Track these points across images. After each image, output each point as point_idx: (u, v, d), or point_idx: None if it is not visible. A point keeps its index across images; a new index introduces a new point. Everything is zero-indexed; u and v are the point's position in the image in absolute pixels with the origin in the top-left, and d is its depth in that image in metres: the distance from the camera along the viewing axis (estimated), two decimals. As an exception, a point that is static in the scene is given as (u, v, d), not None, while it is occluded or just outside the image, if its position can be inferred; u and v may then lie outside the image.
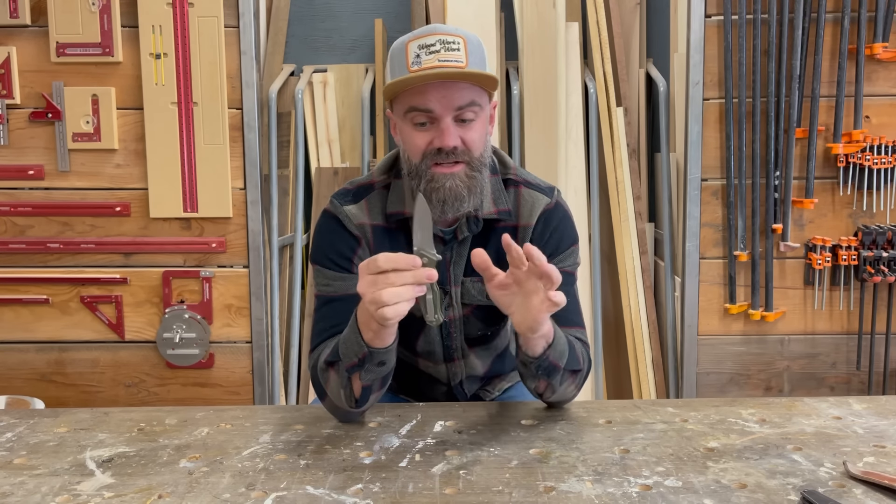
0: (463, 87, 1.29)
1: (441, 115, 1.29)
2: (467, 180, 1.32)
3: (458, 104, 1.29)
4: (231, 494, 1.07)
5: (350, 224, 1.40)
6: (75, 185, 2.45)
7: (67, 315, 2.49)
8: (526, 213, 1.42)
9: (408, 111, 1.31)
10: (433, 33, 1.29)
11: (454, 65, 1.26)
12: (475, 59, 1.30)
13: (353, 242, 1.40)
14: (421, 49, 1.28)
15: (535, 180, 1.47)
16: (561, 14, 2.65)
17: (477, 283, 1.42)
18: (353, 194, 1.43)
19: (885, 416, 1.34)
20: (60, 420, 1.37)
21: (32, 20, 2.39)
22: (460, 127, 1.30)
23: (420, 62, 1.27)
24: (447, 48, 1.28)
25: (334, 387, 1.28)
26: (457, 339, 1.48)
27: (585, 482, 1.09)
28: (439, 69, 1.26)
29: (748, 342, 2.52)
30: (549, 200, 1.43)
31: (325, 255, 1.40)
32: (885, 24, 2.36)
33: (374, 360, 1.22)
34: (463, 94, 1.29)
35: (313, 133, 2.82)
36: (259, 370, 2.52)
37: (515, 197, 1.43)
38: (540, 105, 2.65)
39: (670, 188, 2.67)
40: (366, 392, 1.27)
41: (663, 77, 2.73)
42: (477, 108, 1.31)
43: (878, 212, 2.46)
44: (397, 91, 1.31)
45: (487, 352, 1.54)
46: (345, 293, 1.37)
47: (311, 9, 2.96)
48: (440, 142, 1.29)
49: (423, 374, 1.55)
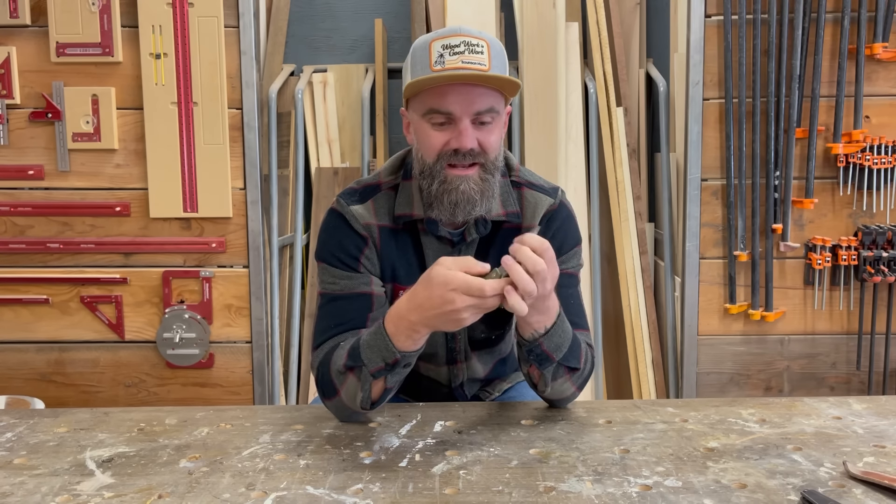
0: (483, 91, 1.29)
1: (460, 117, 1.28)
2: (481, 183, 1.31)
3: (477, 109, 1.28)
4: (231, 494, 1.07)
5: (357, 224, 1.40)
6: (75, 185, 2.45)
7: (67, 315, 2.49)
8: (529, 215, 1.42)
9: (427, 112, 1.30)
10: (458, 34, 1.28)
11: (478, 67, 1.26)
12: (497, 63, 1.29)
13: (360, 242, 1.39)
14: (445, 49, 1.27)
15: (539, 181, 1.47)
16: (561, 14, 2.65)
17: None
18: (360, 194, 1.43)
19: (885, 416, 1.34)
20: (60, 420, 1.37)
21: (32, 20, 2.39)
22: (478, 129, 1.30)
23: (444, 62, 1.27)
24: (471, 50, 1.27)
25: (351, 390, 1.28)
26: (461, 342, 1.48)
27: (585, 482, 1.09)
28: (463, 70, 1.26)
29: (748, 342, 2.52)
30: (552, 201, 1.43)
31: (331, 253, 1.40)
32: (885, 24, 2.36)
33: (402, 364, 1.23)
34: (483, 100, 1.29)
35: (313, 133, 2.82)
36: (259, 370, 2.52)
37: (519, 198, 1.43)
38: (540, 105, 2.65)
39: (670, 188, 2.67)
40: (385, 394, 1.29)
41: (663, 77, 2.73)
42: (495, 114, 1.31)
43: (878, 212, 2.46)
44: (418, 89, 1.30)
45: (491, 355, 1.54)
46: (350, 292, 1.37)
47: (311, 9, 2.96)
48: (458, 143, 1.29)
49: (424, 378, 1.55)
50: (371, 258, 1.40)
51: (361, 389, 1.26)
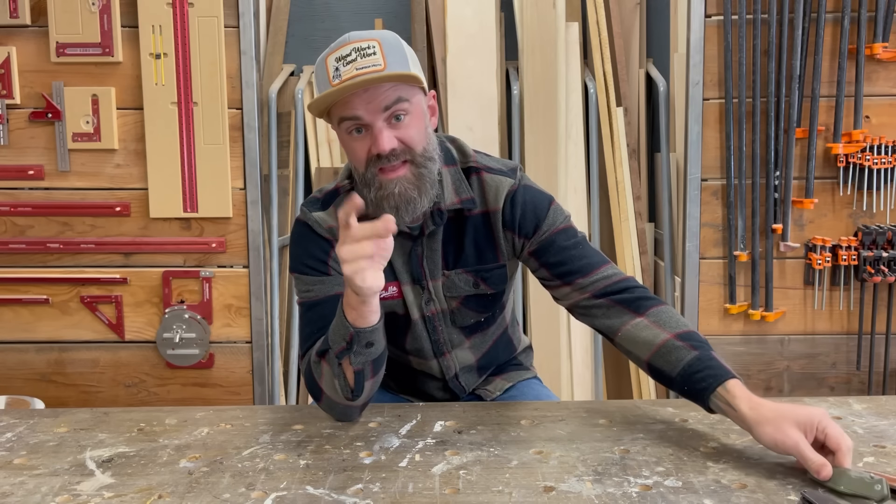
0: (386, 87, 1.29)
1: (371, 121, 1.28)
2: (415, 180, 1.31)
3: (383, 105, 1.28)
4: (231, 494, 1.07)
5: (320, 228, 1.42)
6: (75, 185, 2.45)
7: (67, 315, 2.49)
8: (492, 199, 1.42)
9: (340, 122, 1.31)
10: (347, 43, 1.29)
11: (372, 70, 1.26)
12: (393, 58, 1.29)
13: (326, 245, 1.41)
14: (338, 62, 1.29)
15: (496, 164, 1.46)
16: (561, 14, 2.65)
17: (462, 274, 1.44)
18: (322, 202, 1.45)
19: (885, 416, 1.34)
20: (60, 420, 1.37)
21: (32, 20, 2.39)
22: (394, 127, 1.30)
23: (340, 75, 1.28)
24: (362, 55, 1.28)
25: (328, 379, 1.29)
26: (443, 333, 1.49)
27: (585, 482, 1.10)
28: (357, 77, 1.26)
29: (748, 342, 2.52)
30: (512, 182, 1.43)
31: (301, 262, 1.42)
32: (885, 24, 2.36)
33: (361, 342, 1.23)
34: (387, 94, 1.28)
35: (313, 133, 2.82)
36: (259, 370, 2.52)
37: (479, 184, 1.43)
38: (540, 105, 2.65)
39: (670, 188, 2.67)
40: (359, 378, 1.28)
41: (663, 77, 2.73)
42: (406, 104, 1.30)
43: (878, 212, 2.46)
44: (323, 107, 1.32)
45: (483, 340, 1.55)
46: (325, 295, 1.39)
47: (311, 9, 2.96)
48: (376, 148, 1.29)
49: (418, 372, 1.56)
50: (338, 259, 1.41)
51: (335, 375, 1.28)
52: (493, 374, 1.65)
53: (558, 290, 1.43)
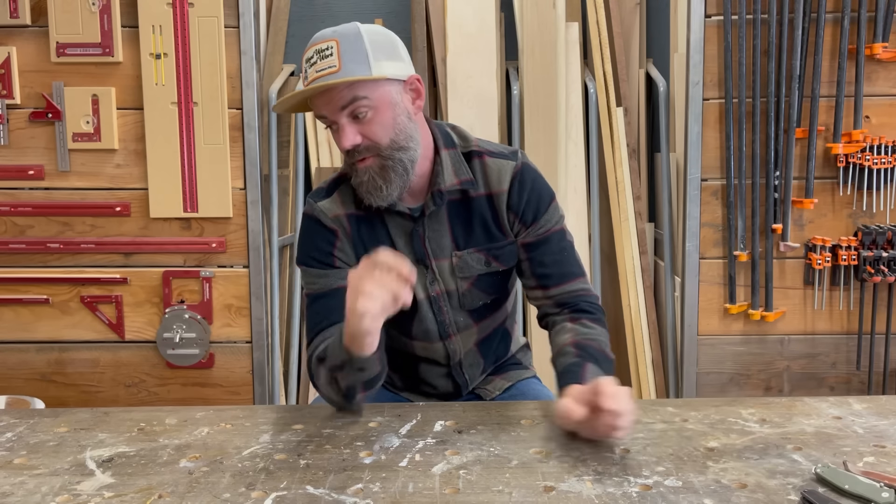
0: (341, 87, 1.31)
1: (335, 119, 1.33)
2: (379, 171, 1.35)
3: (340, 105, 1.31)
4: (231, 494, 1.07)
5: (326, 219, 1.45)
6: (75, 185, 2.45)
7: (67, 315, 2.49)
8: (495, 181, 1.45)
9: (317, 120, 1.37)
10: (312, 44, 1.33)
11: (326, 72, 1.29)
12: (350, 57, 1.31)
13: (330, 237, 1.44)
14: (306, 63, 1.33)
15: (497, 148, 1.50)
16: (561, 14, 2.65)
17: (474, 253, 1.46)
18: (326, 190, 1.48)
19: (885, 416, 1.34)
20: (60, 420, 1.37)
21: (32, 20, 2.39)
22: (359, 123, 1.33)
23: (307, 76, 1.33)
24: (322, 56, 1.31)
25: (325, 381, 1.34)
26: (448, 314, 1.50)
27: (585, 482, 1.10)
28: (315, 81, 1.31)
29: (748, 342, 2.52)
30: (514, 163, 1.46)
31: (307, 255, 1.46)
32: (885, 24, 2.36)
33: (353, 366, 1.26)
34: (342, 95, 1.31)
35: (313, 133, 2.82)
36: (259, 370, 2.52)
37: (482, 167, 1.46)
38: (540, 105, 2.65)
39: (670, 188, 2.67)
40: (350, 392, 1.32)
41: (663, 77, 2.73)
42: (365, 101, 1.32)
43: (878, 212, 2.46)
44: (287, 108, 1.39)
45: (491, 323, 1.56)
46: (329, 289, 1.42)
47: (311, 9, 2.96)
48: (339, 145, 1.35)
49: (422, 360, 1.57)
50: (344, 249, 1.45)
51: (329, 382, 1.32)
52: (492, 373, 1.65)
53: (532, 291, 1.50)
